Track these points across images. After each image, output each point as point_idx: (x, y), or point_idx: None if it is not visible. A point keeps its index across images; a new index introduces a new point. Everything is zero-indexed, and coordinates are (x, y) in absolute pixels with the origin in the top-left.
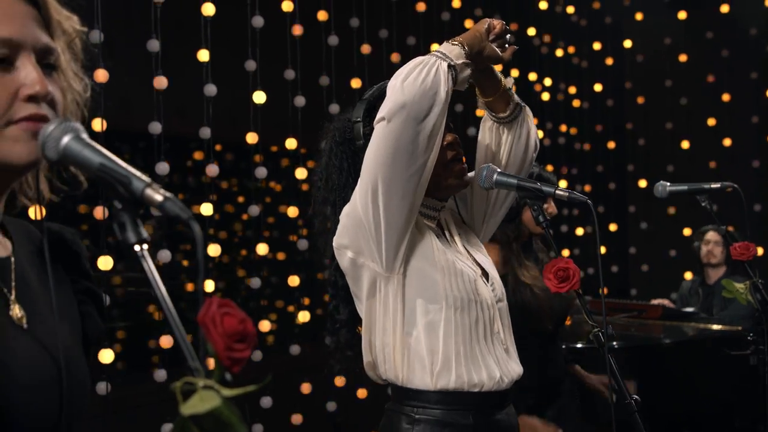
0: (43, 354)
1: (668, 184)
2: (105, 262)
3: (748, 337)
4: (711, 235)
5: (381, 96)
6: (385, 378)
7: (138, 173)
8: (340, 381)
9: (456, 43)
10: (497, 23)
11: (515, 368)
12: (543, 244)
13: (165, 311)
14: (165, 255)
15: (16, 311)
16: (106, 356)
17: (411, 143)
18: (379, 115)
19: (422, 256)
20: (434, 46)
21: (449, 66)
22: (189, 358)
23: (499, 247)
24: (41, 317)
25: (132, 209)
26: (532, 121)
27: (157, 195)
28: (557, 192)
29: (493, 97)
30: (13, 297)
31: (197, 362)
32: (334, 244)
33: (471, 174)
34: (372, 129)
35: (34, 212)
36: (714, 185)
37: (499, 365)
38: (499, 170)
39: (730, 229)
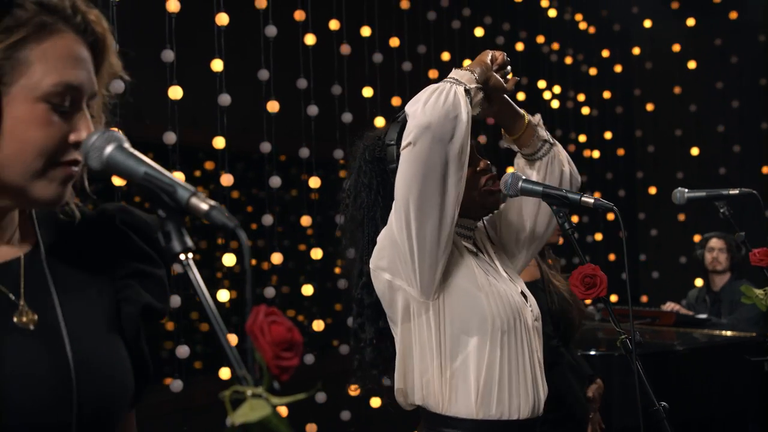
0: (50, 357)
1: (686, 190)
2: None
3: (766, 342)
4: (714, 242)
5: None
6: (421, 404)
7: (182, 182)
8: (354, 390)
9: (465, 69)
10: (499, 54)
11: (546, 390)
12: (552, 252)
13: (212, 320)
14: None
15: (24, 315)
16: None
17: (439, 165)
18: (404, 142)
19: (465, 277)
20: (444, 55)
21: (465, 90)
22: (236, 367)
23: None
24: (54, 320)
25: (177, 218)
26: (566, 158)
27: (203, 204)
28: (583, 199)
29: (518, 134)
30: (22, 301)
31: (244, 370)
32: (371, 265)
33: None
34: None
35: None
36: (732, 191)
37: (536, 390)
38: (524, 177)
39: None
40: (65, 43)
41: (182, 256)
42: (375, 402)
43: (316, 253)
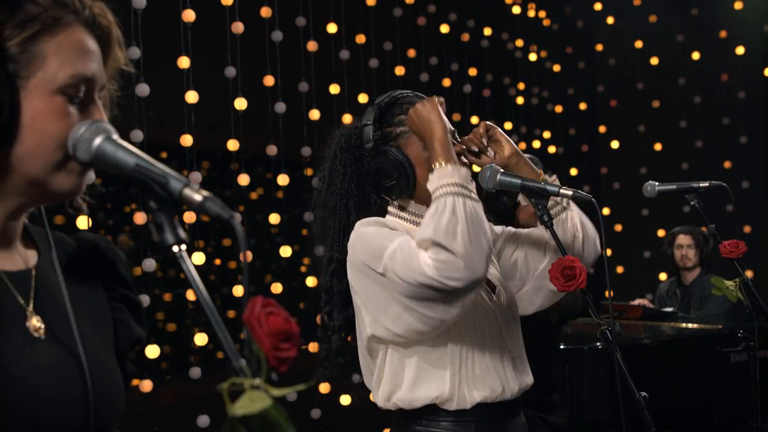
0: (62, 364)
1: (657, 184)
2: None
3: (739, 334)
4: (682, 239)
5: (392, 103)
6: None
7: (175, 173)
8: (324, 388)
9: (436, 164)
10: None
11: (524, 379)
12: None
13: (207, 311)
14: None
15: (34, 322)
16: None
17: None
18: (451, 283)
19: None
20: (410, 52)
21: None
22: (233, 359)
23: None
24: (66, 328)
25: (169, 210)
26: (579, 222)
27: (197, 194)
28: (561, 191)
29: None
30: (30, 308)
31: (240, 362)
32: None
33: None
34: (381, 134)
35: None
36: (703, 184)
37: (503, 377)
38: (502, 170)
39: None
40: (77, 36)
41: (175, 248)
42: (345, 399)
43: (285, 251)
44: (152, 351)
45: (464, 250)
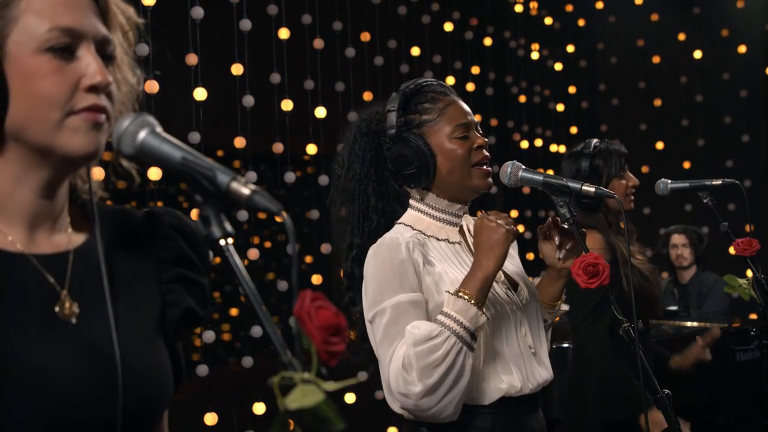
0: (91, 351)
1: (669, 181)
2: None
3: (752, 332)
4: (677, 238)
5: (417, 90)
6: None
7: (221, 166)
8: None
9: (466, 296)
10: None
11: (542, 373)
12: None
13: (255, 306)
14: None
15: (67, 306)
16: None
17: None
18: (404, 401)
19: (439, 295)
20: (414, 50)
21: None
22: (281, 352)
23: (599, 233)
24: (101, 313)
25: (215, 203)
26: None
27: (245, 188)
28: (584, 188)
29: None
30: (65, 292)
31: (290, 356)
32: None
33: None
34: (404, 120)
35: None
36: (716, 182)
37: (523, 372)
38: (524, 167)
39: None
40: None
41: (222, 242)
42: (349, 398)
43: (289, 248)
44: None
45: (425, 392)
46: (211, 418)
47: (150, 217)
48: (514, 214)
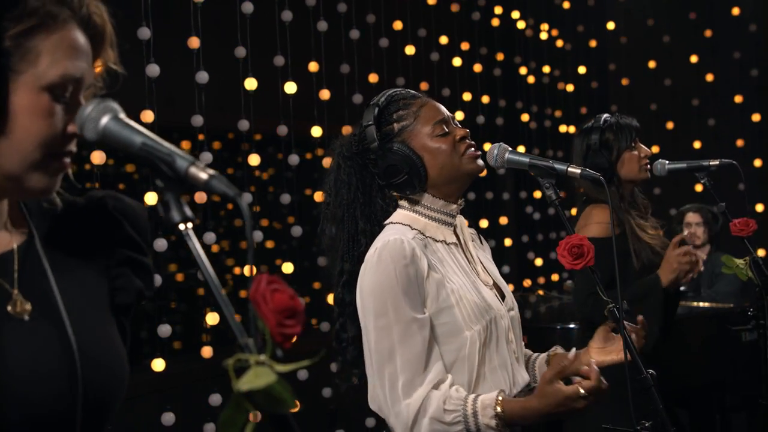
0: (48, 346)
1: (667, 162)
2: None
3: (749, 313)
4: (691, 217)
5: (389, 101)
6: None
7: (181, 151)
8: (335, 367)
9: (495, 416)
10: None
11: (525, 376)
12: (642, 192)
13: (212, 289)
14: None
15: (18, 305)
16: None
17: None
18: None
19: (439, 302)
20: (421, 31)
21: None
22: (238, 336)
23: (609, 208)
24: (52, 308)
25: (176, 188)
26: None
27: (203, 173)
28: (569, 169)
29: None
30: (16, 291)
31: (246, 339)
32: None
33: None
34: (382, 134)
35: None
36: (713, 162)
37: (510, 378)
38: (510, 149)
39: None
40: (71, 34)
41: (181, 226)
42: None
43: (296, 231)
44: (164, 330)
45: None
46: (216, 399)
47: (91, 201)
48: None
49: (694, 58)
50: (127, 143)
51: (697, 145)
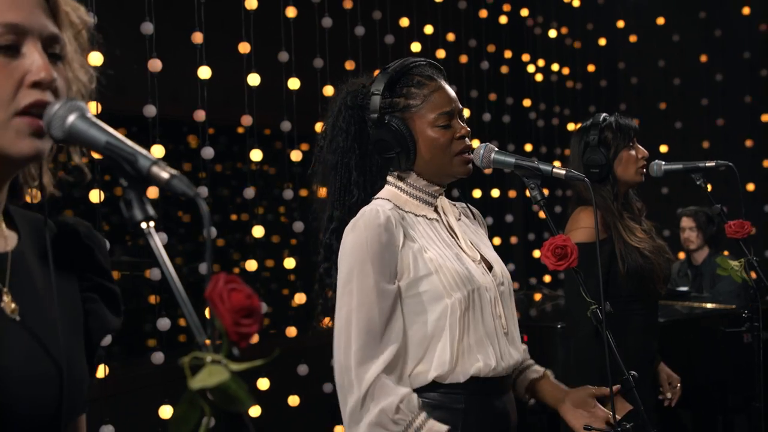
0: (38, 346)
1: (663, 163)
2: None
3: (743, 314)
4: (684, 222)
5: (403, 71)
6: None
7: (144, 151)
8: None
9: None
10: None
11: (515, 354)
12: (636, 195)
13: (173, 288)
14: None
15: (8, 304)
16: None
17: None
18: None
19: (417, 270)
20: (427, 28)
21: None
22: (196, 334)
23: (594, 210)
24: (41, 311)
25: (138, 187)
26: None
27: (164, 173)
28: (555, 170)
29: None
30: (6, 289)
31: (204, 338)
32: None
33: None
34: (390, 103)
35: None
36: (708, 164)
37: (498, 352)
38: (496, 149)
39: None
40: None
41: (143, 225)
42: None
43: (298, 227)
44: (163, 324)
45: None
46: None
47: (64, 227)
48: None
49: (703, 58)
50: (93, 142)
51: (705, 144)
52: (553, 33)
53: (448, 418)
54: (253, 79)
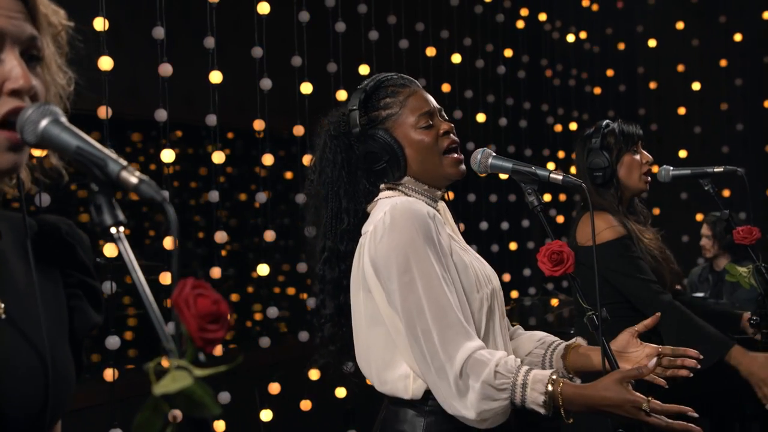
0: (23, 343)
1: (671, 168)
2: (111, 249)
3: (751, 321)
4: (703, 229)
5: (377, 86)
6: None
7: (114, 156)
8: (350, 367)
9: (545, 392)
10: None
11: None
12: (642, 203)
13: (140, 293)
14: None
15: None
16: (112, 342)
17: None
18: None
19: (455, 262)
20: (443, 33)
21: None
22: (163, 339)
23: (609, 214)
24: (24, 309)
25: (108, 192)
26: None
27: (132, 177)
28: (552, 176)
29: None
30: None
31: (171, 343)
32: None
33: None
34: (368, 118)
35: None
36: (717, 169)
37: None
38: (494, 154)
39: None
40: None
41: (113, 230)
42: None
43: (311, 231)
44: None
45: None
46: (225, 397)
47: (45, 224)
48: (547, 197)
49: (723, 62)
50: (64, 146)
51: (725, 150)
52: (571, 38)
53: (450, 419)
54: (266, 84)
